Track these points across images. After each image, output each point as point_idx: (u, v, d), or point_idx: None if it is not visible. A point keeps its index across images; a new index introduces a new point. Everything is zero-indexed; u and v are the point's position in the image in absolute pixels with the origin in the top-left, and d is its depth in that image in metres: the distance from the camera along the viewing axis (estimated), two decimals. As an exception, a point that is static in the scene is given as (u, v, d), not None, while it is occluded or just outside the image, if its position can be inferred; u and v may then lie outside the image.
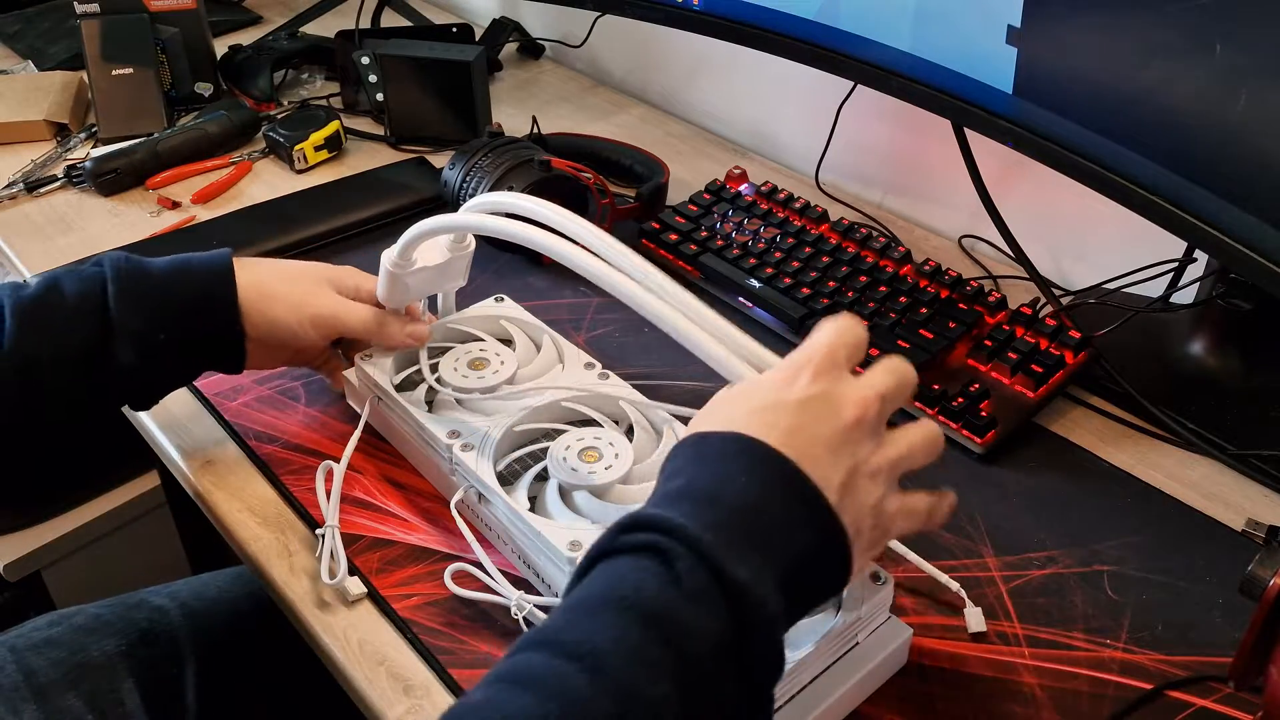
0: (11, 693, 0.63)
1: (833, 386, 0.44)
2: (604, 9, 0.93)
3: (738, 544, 0.38)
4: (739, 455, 0.41)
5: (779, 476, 0.41)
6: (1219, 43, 0.54)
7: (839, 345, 0.45)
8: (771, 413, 0.43)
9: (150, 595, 0.72)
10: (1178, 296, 0.75)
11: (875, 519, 0.43)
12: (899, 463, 0.45)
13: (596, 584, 0.39)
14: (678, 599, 0.37)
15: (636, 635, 0.36)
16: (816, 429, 0.42)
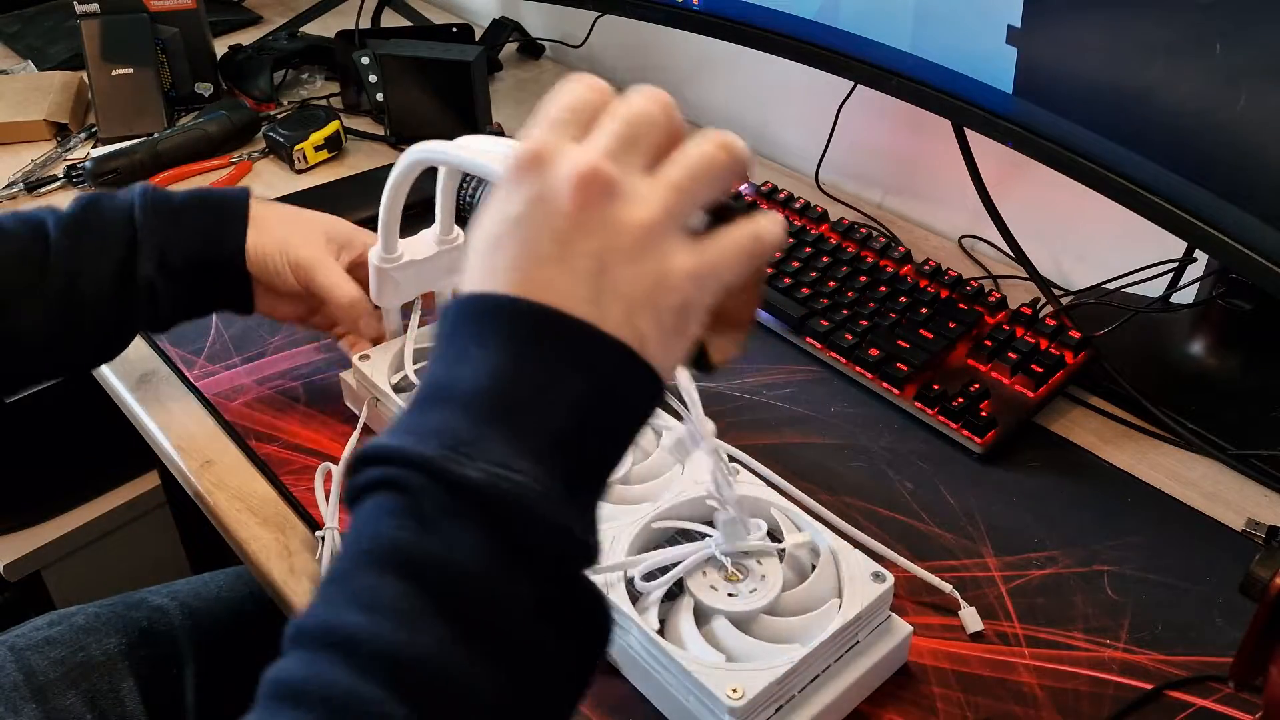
0: (11, 692, 0.63)
1: (543, 181, 0.34)
2: (604, 9, 0.93)
3: (476, 438, 0.32)
4: (466, 324, 0.34)
5: (510, 327, 0.33)
6: (1219, 42, 0.54)
7: (554, 121, 0.35)
8: (494, 249, 0.34)
9: (150, 595, 0.72)
10: (1178, 296, 0.75)
11: (663, 299, 0.34)
12: (668, 208, 0.34)
13: (343, 548, 0.33)
14: (420, 530, 0.31)
15: (388, 590, 0.30)
16: (538, 243, 0.34)
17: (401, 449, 0.32)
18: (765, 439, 0.69)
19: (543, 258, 0.33)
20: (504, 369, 0.32)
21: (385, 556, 0.31)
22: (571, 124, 0.35)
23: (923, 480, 0.66)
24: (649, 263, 0.34)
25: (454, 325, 0.34)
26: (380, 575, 0.30)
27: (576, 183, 0.33)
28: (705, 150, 0.35)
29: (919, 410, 0.70)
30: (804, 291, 0.78)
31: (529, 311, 0.33)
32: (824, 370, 0.75)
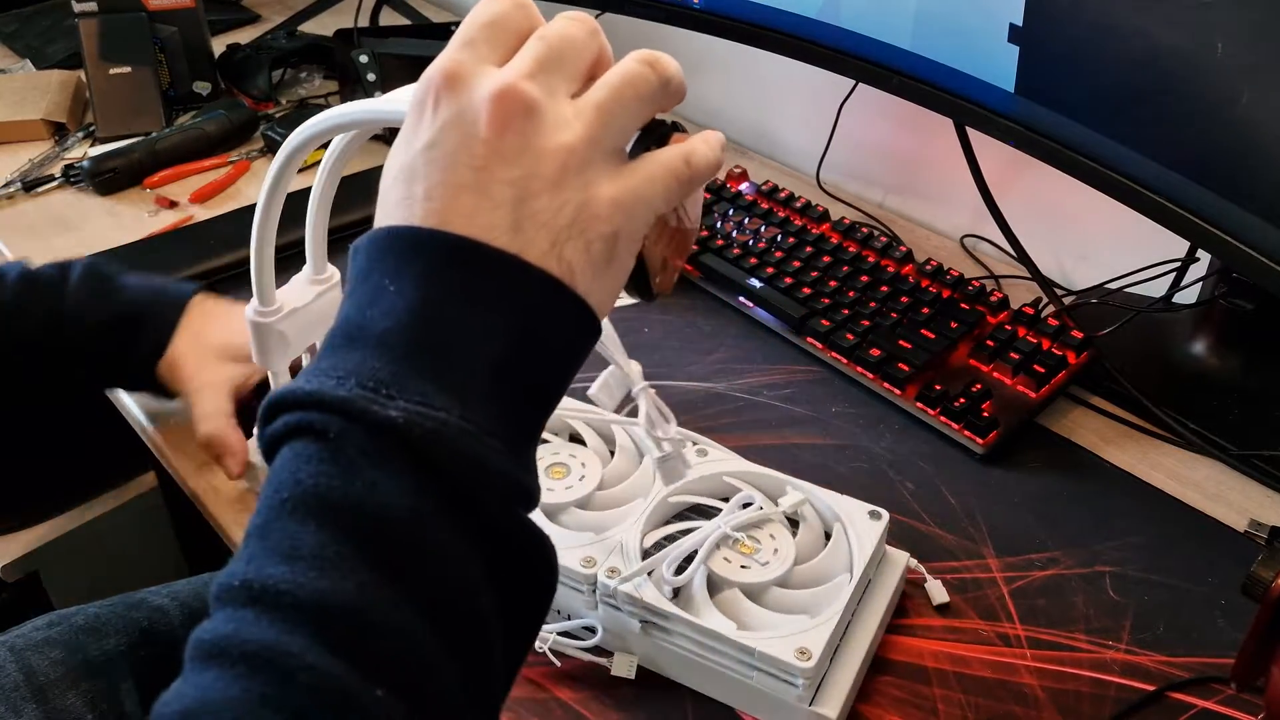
0: (12, 692, 0.62)
1: (458, 102, 0.32)
2: (605, 7, 0.93)
3: (394, 377, 0.30)
4: (379, 259, 0.32)
5: (427, 261, 0.31)
6: (1221, 41, 0.54)
7: (469, 40, 0.33)
8: (408, 179, 0.32)
9: (150, 595, 0.72)
10: (1180, 296, 0.75)
11: (591, 228, 0.32)
12: (593, 131, 0.32)
13: (261, 498, 0.31)
14: (339, 475, 0.29)
15: (309, 539, 0.28)
16: (455, 170, 0.31)
17: (317, 392, 0.30)
18: (766, 439, 0.69)
19: (460, 185, 0.31)
20: (422, 305, 0.31)
21: (304, 504, 0.29)
22: (490, 43, 0.33)
23: (924, 481, 0.66)
24: (574, 190, 0.32)
25: (367, 261, 0.32)
26: (300, 523, 0.29)
27: (494, 104, 0.31)
28: (631, 69, 0.33)
29: (920, 410, 0.69)
30: (805, 291, 0.77)
31: (447, 243, 0.31)
32: (825, 370, 0.74)
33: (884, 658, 0.55)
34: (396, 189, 0.32)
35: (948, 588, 0.58)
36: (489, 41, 0.33)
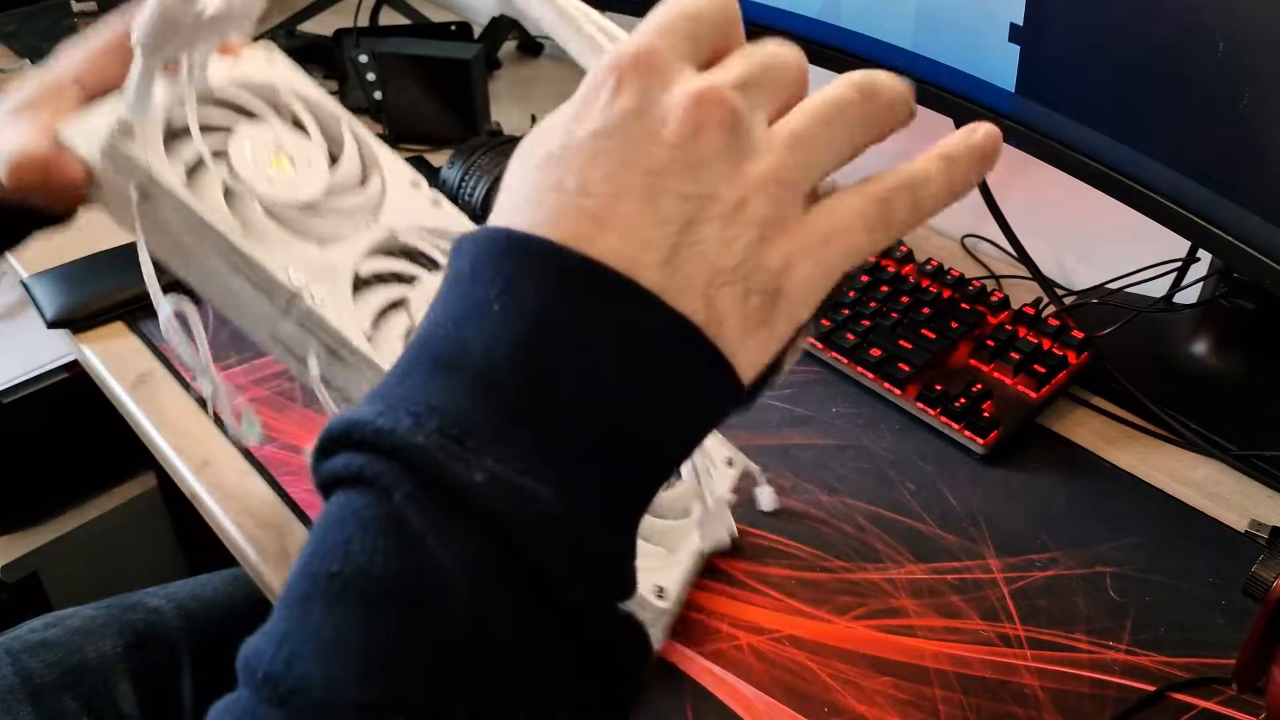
0: (7, 694, 0.62)
1: (648, 94, 0.27)
2: (604, 7, 0.93)
3: (488, 426, 0.24)
4: (491, 263, 0.26)
5: (553, 281, 0.25)
6: (1222, 40, 0.53)
7: (672, 28, 0.28)
8: (557, 165, 0.26)
9: (147, 597, 0.72)
10: (1181, 296, 0.75)
11: (756, 278, 0.26)
12: (791, 165, 0.27)
13: (306, 549, 0.25)
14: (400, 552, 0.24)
15: (356, 634, 0.23)
16: (626, 168, 0.26)
17: (388, 432, 0.24)
18: (766, 439, 0.68)
19: (626, 188, 0.26)
20: (535, 338, 0.25)
21: (354, 586, 0.24)
22: (692, 38, 0.28)
23: (924, 481, 0.66)
24: (747, 228, 0.26)
25: (474, 262, 0.26)
26: (348, 612, 0.24)
27: (693, 105, 0.26)
28: (838, 95, 0.28)
29: (921, 411, 0.69)
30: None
31: (582, 268, 0.25)
32: (825, 370, 0.74)
33: (884, 658, 0.55)
34: (539, 174, 0.26)
35: (949, 588, 0.58)
36: (691, 37, 0.28)
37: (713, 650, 0.55)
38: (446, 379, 0.25)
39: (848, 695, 0.53)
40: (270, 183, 0.45)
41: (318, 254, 0.45)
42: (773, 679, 0.54)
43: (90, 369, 0.77)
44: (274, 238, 0.45)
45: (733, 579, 0.59)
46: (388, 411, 0.25)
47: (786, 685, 0.54)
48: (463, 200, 0.84)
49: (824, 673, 0.54)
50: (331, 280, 0.45)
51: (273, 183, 0.46)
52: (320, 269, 0.45)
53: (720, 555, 0.61)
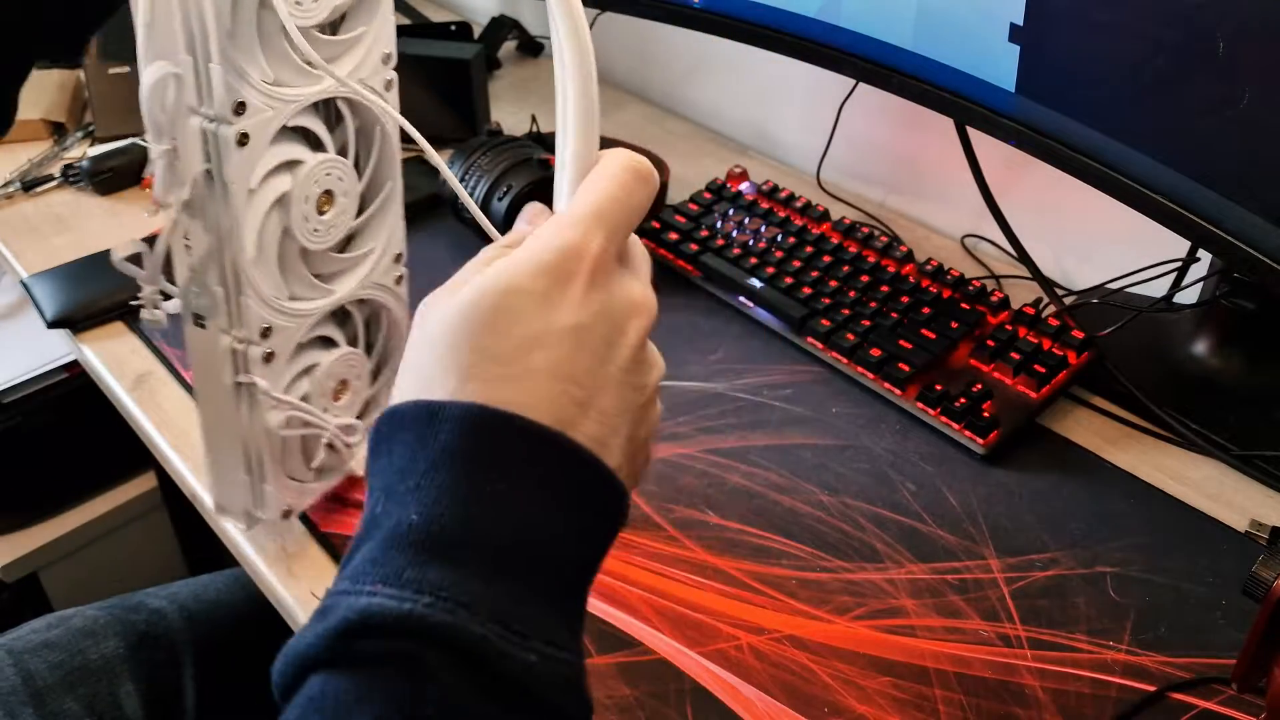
0: (10, 696, 0.62)
1: (611, 293, 0.31)
2: (604, 6, 0.93)
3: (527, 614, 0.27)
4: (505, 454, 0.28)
5: (563, 479, 0.29)
6: (1222, 40, 0.53)
7: (619, 219, 0.32)
8: (533, 354, 0.29)
9: (148, 597, 0.72)
10: (1181, 296, 0.75)
11: (647, 452, 0.33)
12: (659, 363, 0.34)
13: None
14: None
15: None
16: (597, 368, 0.30)
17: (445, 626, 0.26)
18: (766, 439, 0.68)
19: (603, 384, 0.30)
20: (536, 518, 0.28)
21: None
22: (625, 230, 0.33)
23: (925, 481, 0.66)
24: (653, 415, 0.33)
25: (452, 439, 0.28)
26: None
27: (646, 314, 0.32)
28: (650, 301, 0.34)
29: (921, 411, 0.69)
30: (805, 291, 0.77)
31: (564, 450, 0.29)
32: (825, 370, 0.74)
33: (884, 658, 0.55)
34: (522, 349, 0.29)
35: (949, 588, 0.58)
36: (625, 229, 0.33)
37: (713, 650, 0.55)
38: (487, 567, 0.27)
39: (848, 695, 0.53)
40: (314, 233, 0.49)
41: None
42: (773, 679, 0.54)
43: (90, 369, 0.77)
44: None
45: (733, 579, 0.59)
46: (427, 605, 0.26)
47: (786, 685, 0.54)
48: (461, 200, 0.84)
49: (824, 673, 0.54)
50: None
51: (315, 232, 0.50)
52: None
53: (720, 555, 0.61)
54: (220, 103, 0.44)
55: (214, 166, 0.46)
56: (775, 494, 0.64)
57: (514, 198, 0.80)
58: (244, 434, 0.52)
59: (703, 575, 0.59)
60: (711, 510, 0.63)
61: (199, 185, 0.47)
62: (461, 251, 0.87)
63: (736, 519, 0.63)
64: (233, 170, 0.46)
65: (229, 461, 0.53)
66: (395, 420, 0.30)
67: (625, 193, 0.33)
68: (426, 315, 0.32)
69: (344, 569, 0.29)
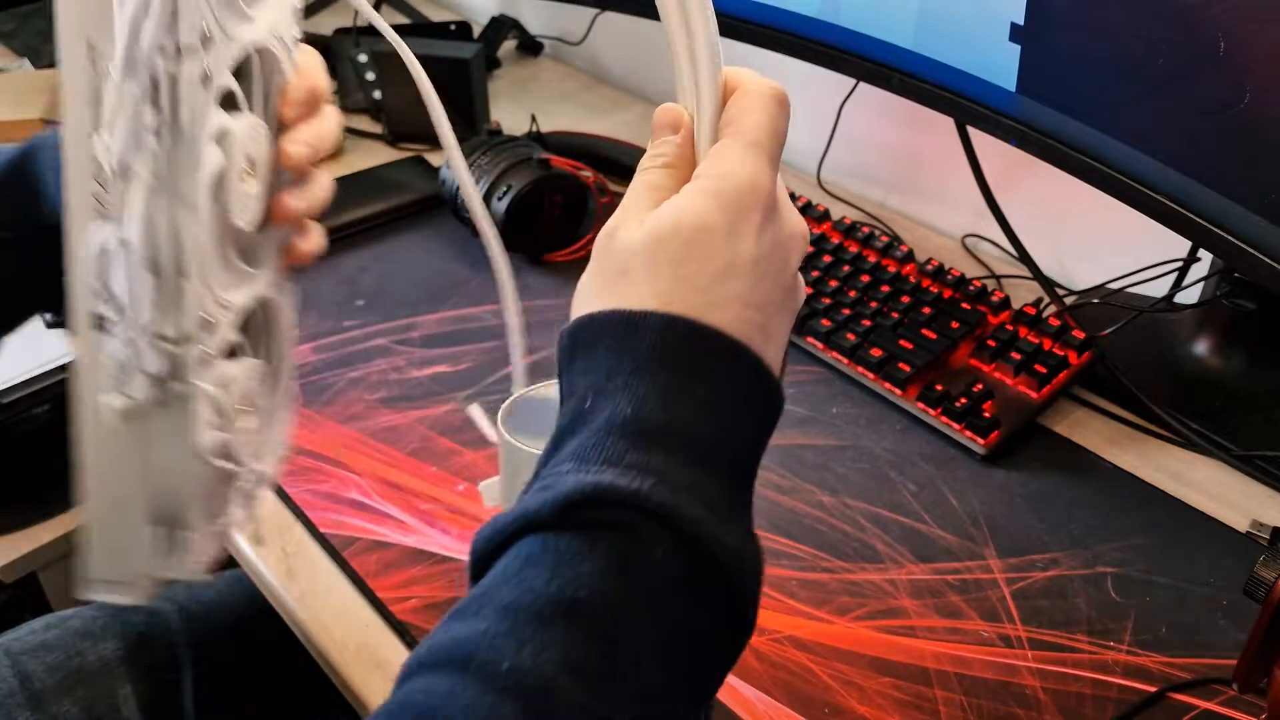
0: (7, 698, 0.62)
1: (779, 224, 0.35)
2: (604, 6, 0.93)
3: (725, 500, 0.32)
4: (708, 364, 0.33)
5: (752, 388, 0.34)
6: (1223, 40, 0.53)
7: (776, 150, 0.36)
8: (726, 284, 0.33)
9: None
10: (1182, 296, 0.75)
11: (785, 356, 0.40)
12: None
13: (536, 576, 0.30)
14: (649, 599, 0.30)
15: (594, 654, 0.29)
16: (772, 296, 0.35)
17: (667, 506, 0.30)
18: (766, 440, 0.68)
19: (776, 309, 0.35)
20: (733, 419, 0.33)
21: (598, 616, 0.29)
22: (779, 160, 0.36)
23: (925, 481, 0.66)
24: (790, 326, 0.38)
25: (660, 348, 0.33)
26: (586, 634, 0.29)
27: (802, 245, 0.36)
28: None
29: (921, 411, 0.69)
30: (805, 291, 0.77)
31: (749, 363, 0.34)
32: (826, 371, 0.74)
33: (884, 658, 0.55)
34: (713, 287, 0.33)
35: (949, 589, 0.58)
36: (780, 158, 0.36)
37: (713, 651, 0.55)
38: (692, 461, 0.32)
39: (848, 696, 0.53)
40: (242, 207, 0.42)
41: None
42: (773, 679, 0.54)
43: (90, 369, 0.77)
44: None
45: (733, 579, 0.59)
46: (649, 484, 0.31)
47: (787, 685, 0.54)
48: (463, 199, 0.84)
49: (824, 673, 0.54)
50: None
51: (243, 206, 0.42)
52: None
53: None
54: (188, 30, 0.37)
55: (169, 115, 0.38)
56: (775, 494, 0.64)
57: (514, 197, 0.80)
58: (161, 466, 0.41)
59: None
60: (711, 510, 0.63)
61: (146, 139, 0.38)
62: (461, 251, 0.87)
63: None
64: (194, 116, 0.38)
65: (128, 510, 0.42)
66: (595, 327, 0.34)
67: (777, 123, 0.36)
68: (615, 238, 0.35)
69: (556, 455, 0.33)
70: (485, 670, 0.28)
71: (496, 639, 0.29)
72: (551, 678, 0.28)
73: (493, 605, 0.30)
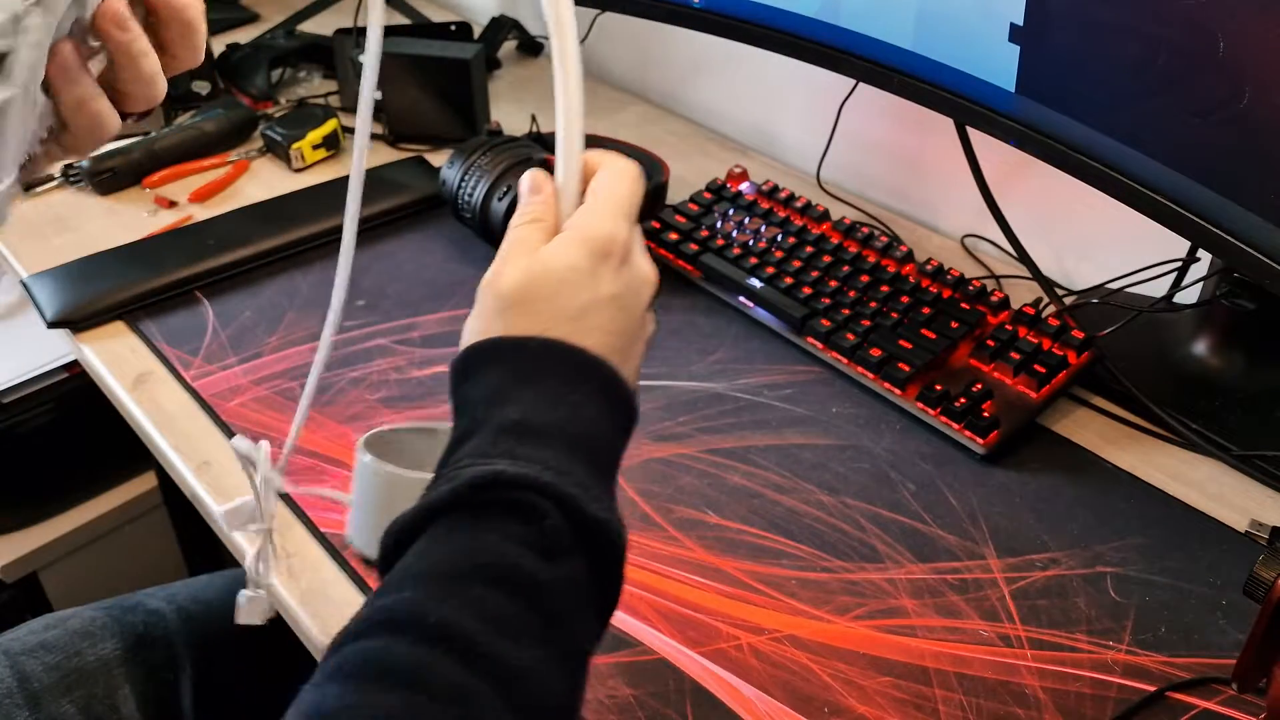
0: (5, 699, 0.62)
1: (632, 269, 0.43)
2: (604, 6, 0.93)
3: (594, 484, 0.38)
4: (578, 378, 0.40)
5: (612, 397, 0.41)
6: (1222, 40, 0.53)
7: (633, 212, 0.44)
8: (591, 315, 0.41)
9: (146, 598, 0.72)
10: (1181, 296, 0.75)
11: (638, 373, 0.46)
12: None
13: (448, 548, 0.36)
14: (542, 560, 0.36)
15: (504, 607, 0.35)
16: (628, 326, 0.42)
17: (553, 486, 0.37)
18: (766, 439, 0.68)
19: (631, 338, 0.43)
20: (597, 421, 0.40)
21: (504, 576, 0.35)
22: (635, 220, 0.44)
23: (925, 481, 0.66)
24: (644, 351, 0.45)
25: (539, 366, 0.40)
26: (498, 592, 0.35)
27: (653, 283, 0.44)
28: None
29: (921, 411, 0.69)
30: (805, 291, 0.77)
31: (611, 379, 0.41)
32: (825, 370, 0.74)
33: (884, 658, 0.55)
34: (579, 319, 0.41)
35: (949, 588, 0.58)
36: (635, 219, 0.44)
37: (713, 650, 0.55)
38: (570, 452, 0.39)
39: (848, 695, 0.53)
40: None
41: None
42: (773, 679, 0.54)
43: (90, 369, 0.77)
44: None
45: (733, 579, 0.59)
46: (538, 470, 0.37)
47: (786, 685, 0.54)
48: (463, 200, 0.84)
49: (824, 672, 0.54)
50: None
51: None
52: None
53: (720, 555, 0.61)
54: None
55: None
56: (775, 494, 0.64)
57: (514, 198, 0.80)
58: None
59: (703, 575, 0.59)
60: (711, 510, 0.63)
61: None
62: (461, 251, 0.87)
63: (736, 519, 0.63)
64: None
65: None
66: (485, 353, 0.41)
67: (633, 192, 0.44)
68: (496, 284, 0.42)
69: (455, 454, 0.39)
70: (415, 628, 0.33)
71: (422, 603, 0.34)
72: (475, 628, 0.33)
73: (412, 578, 0.35)
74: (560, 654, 0.36)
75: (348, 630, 0.35)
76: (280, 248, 0.86)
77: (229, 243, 0.85)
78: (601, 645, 0.55)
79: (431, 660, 0.32)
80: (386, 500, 0.56)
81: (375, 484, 0.57)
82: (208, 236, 0.86)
